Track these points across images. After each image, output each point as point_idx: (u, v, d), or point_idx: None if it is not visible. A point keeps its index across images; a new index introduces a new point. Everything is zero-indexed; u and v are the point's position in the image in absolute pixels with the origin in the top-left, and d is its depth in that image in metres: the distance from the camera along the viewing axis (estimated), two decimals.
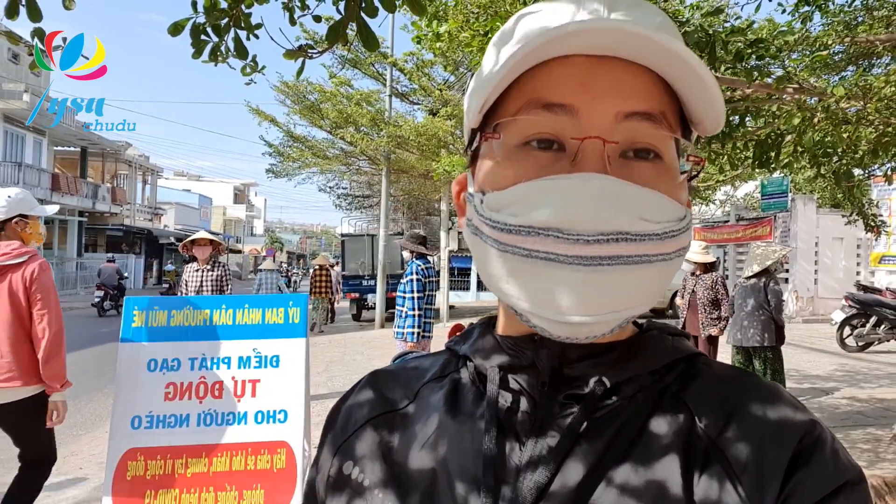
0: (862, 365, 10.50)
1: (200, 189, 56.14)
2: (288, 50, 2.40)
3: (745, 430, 0.57)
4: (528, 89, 0.58)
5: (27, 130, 26.66)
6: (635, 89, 0.56)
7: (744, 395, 0.60)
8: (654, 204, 0.55)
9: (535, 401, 0.62)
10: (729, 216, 20.30)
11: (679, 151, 0.60)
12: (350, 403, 0.74)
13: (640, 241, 0.53)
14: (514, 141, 0.58)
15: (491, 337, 0.69)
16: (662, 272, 0.56)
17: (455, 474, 0.60)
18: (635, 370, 0.62)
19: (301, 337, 3.91)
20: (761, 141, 4.21)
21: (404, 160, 17.33)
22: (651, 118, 0.56)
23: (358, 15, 2.18)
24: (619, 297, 0.54)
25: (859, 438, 6.08)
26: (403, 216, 28.50)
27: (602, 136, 0.55)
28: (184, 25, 2.47)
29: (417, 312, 6.21)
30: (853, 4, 4.24)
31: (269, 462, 3.64)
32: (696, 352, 0.66)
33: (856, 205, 7.08)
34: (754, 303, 6.61)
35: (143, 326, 3.75)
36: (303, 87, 16.67)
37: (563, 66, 0.56)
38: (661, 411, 0.60)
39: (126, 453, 3.58)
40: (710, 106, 0.58)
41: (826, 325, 14.26)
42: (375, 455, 0.66)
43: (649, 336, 0.66)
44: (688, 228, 0.59)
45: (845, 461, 0.56)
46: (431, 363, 0.75)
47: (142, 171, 39.04)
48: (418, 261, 6.39)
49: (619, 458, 0.57)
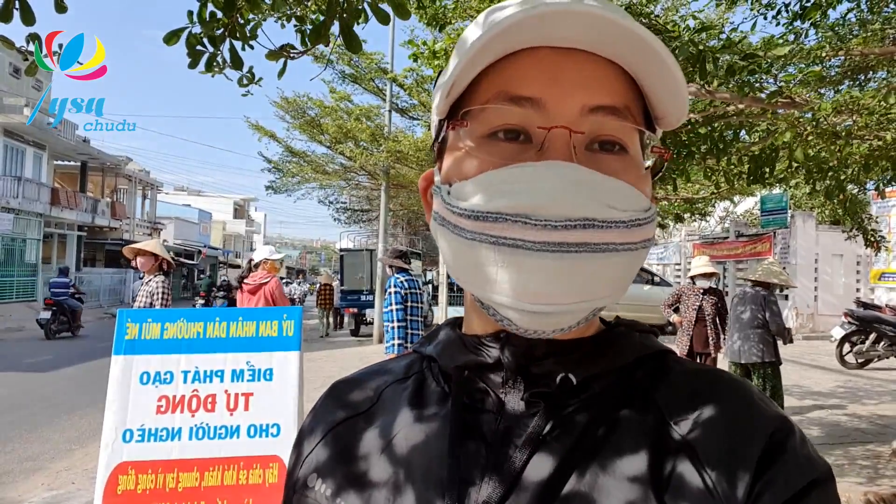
0: (862, 382, 10.46)
1: (200, 204, 56.15)
2: (270, 51, 2.41)
3: (714, 426, 0.57)
4: (496, 81, 0.58)
5: (27, 144, 26.73)
6: (601, 83, 0.57)
7: (713, 391, 0.60)
8: (620, 192, 0.55)
9: (500, 400, 0.61)
10: (728, 232, 20.32)
11: (643, 145, 0.61)
12: (312, 417, 0.74)
13: (606, 229, 0.53)
14: (481, 131, 0.58)
15: (456, 336, 0.68)
16: (628, 262, 0.57)
17: (419, 476, 0.60)
18: (602, 366, 0.61)
19: (295, 350, 3.89)
20: (755, 156, 4.22)
21: (403, 175, 17.37)
22: (616, 112, 0.57)
23: (340, 16, 2.19)
24: (586, 286, 0.54)
25: (859, 455, 6.03)
26: (402, 231, 28.53)
27: (569, 126, 0.55)
28: (179, 35, 2.48)
29: (398, 324, 6.31)
30: (847, 17, 4.27)
31: (260, 476, 3.61)
32: (664, 348, 0.66)
33: (855, 220, 7.07)
34: (751, 315, 6.55)
35: (136, 339, 3.73)
36: (303, 102, 16.75)
37: (530, 58, 0.57)
38: (630, 407, 0.59)
39: (117, 467, 3.54)
40: (674, 94, 0.58)
41: (826, 342, 14.23)
42: (338, 462, 0.66)
43: (617, 332, 0.65)
44: (652, 220, 0.59)
45: (815, 457, 0.56)
46: (395, 366, 0.74)
47: (142, 185, 39.09)
48: (398, 274, 6.51)
49: (587, 455, 0.56)
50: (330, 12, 2.22)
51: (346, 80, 17.09)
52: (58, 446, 6.74)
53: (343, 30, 2.25)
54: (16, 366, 11.89)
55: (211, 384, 3.73)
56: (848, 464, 5.73)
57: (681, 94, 0.58)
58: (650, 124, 0.62)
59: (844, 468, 5.57)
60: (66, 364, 12.10)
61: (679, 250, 23.67)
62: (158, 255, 6.01)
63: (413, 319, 6.41)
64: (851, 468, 5.62)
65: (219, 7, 2.53)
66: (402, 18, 2.51)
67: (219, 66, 2.76)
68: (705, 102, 3.99)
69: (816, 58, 3.67)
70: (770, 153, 4.16)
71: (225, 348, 3.81)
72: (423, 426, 0.63)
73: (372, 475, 0.62)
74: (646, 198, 0.58)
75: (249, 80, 2.91)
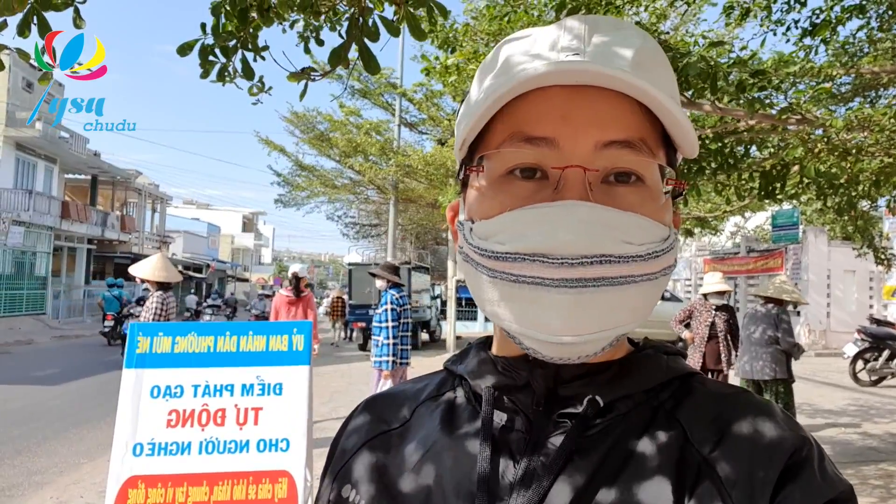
0: (875, 399, 10.36)
1: (209, 217, 56.44)
2: (291, 73, 2.44)
3: (736, 447, 0.57)
4: (509, 122, 0.60)
5: (39, 158, 26.98)
6: (614, 118, 0.58)
7: (736, 413, 0.61)
8: (636, 227, 0.57)
9: (529, 420, 0.63)
10: (739, 248, 20.23)
11: (663, 174, 0.62)
12: (348, 430, 0.77)
13: (623, 263, 0.55)
14: (499, 171, 0.61)
15: (486, 357, 0.70)
16: (648, 291, 0.58)
17: (450, 492, 0.61)
18: (629, 389, 0.63)
19: (305, 364, 3.87)
20: (766, 172, 4.21)
21: (412, 189, 17.44)
22: (630, 146, 0.58)
23: (360, 38, 2.21)
24: (606, 316, 0.56)
25: (871, 474, 5.96)
26: (411, 245, 28.56)
27: (583, 165, 0.57)
28: (192, 46, 2.52)
29: (392, 341, 6.35)
30: (857, 35, 4.27)
31: (270, 491, 3.59)
32: (691, 370, 0.67)
33: (866, 237, 7.04)
34: (762, 333, 6.49)
35: (147, 353, 3.74)
36: (312, 116, 16.87)
37: (542, 98, 0.58)
38: (655, 429, 0.60)
39: (127, 481, 3.53)
40: (684, 139, 0.61)
41: (838, 359, 14.10)
42: (372, 476, 0.68)
43: (644, 355, 0.67)
44: (672, 248, 0.60)
45: (835, 477, 0.57)
46: (427, 383, 0.77)
47: (151, 199, 39.34)
48: (392, 290, 6.52)
49: (612, 475, 0.57)
50: (350, 34, 2.25)
51: (356, 96, 17.21)
52: (66, 459, 6.75)
53: (362, 52, 2.28)
54: (24, 378, 11.93)
55: (221, 398, 3.71)
56: (860, 483, 5.67)
57: (689, 138, 0.60)
58: (671, 148, 0.64)
59: (856, 487, 5.49)
60: (74, 377, 12.13)
61: (689, 266, 23.58)
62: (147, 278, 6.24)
63: (403, 335, 6.47)
64: (864, 487, 5.55)
65: (232, 20, 2.57)
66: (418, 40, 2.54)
67: (230, 75, 2.81)
68: (716, 118, 4.00)
69: (827, 76, 3.67)
70: (781, 169, 4.16)
71: (235, 362, 3.79)
72: (455, 443, 0.66)
73: (405, 489, 0.64)
74: (664, 227, 0.60)
75: (259, 88, 2.96)
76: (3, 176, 24.52)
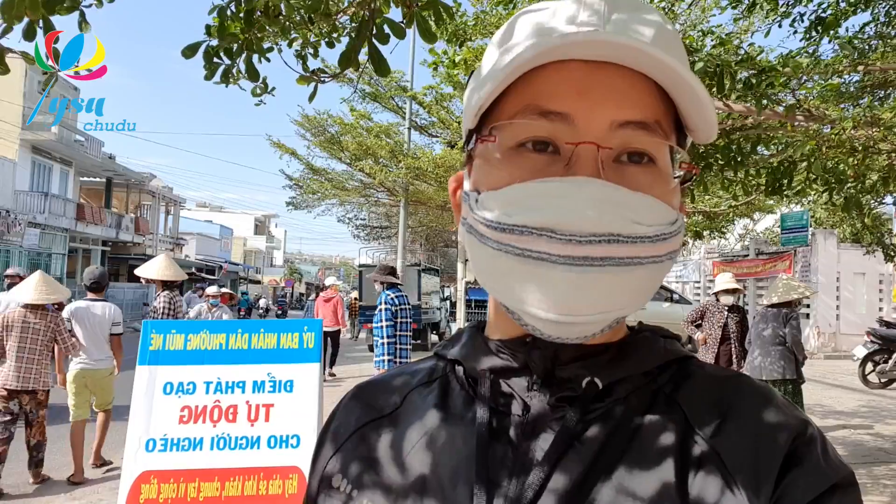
0: (885, 401, 10.29)
1: (222, 220, 56.74)
2: (301, 75, 2.48)
3: (739, 431, 0.57)
4: (524, 93, 0.58)
5: (54, 161, 27.25)
6: (631, 98, 0.57)
7: (737, 396, 0.60)
8: (646, 208, 0.55)
9: (525, 403, 0.62)
10: (748, 250, 20.12)
11: (673, 158, 0.61)
12: (336, 417, 0.74)
13: (631, 244, 0.54)
14: (510, 142, 0.59)
15: (481, 341, 0.68)
16: (653, 274, 0.57)
17: (446, 478, 0.60)
18: (627, 371, 0.62)
19: (315, 362, 3.93)
20: (774, 168, 4.22)
21: (422, 192, 17.44)
22: (646, 127, 0.57)
23: (369, 40, 2.24)
24: (610, 297, 0.55)
25: (882, 475, 5.94)
26: (421, 247, 28.59)
27: (596, 142, 0.55)
28: (197, 48, 2.56)
29: (388, 340, 6.41)
30: (864, 30, 4.26)
31: (280, 487, 3.63)
32: (688, 354, 0.66)
33: (875, 235, 7.00)
34: (772, 332, 6.46)
35: (160, 350, 3.79)
36: (323, 119, 16.93)
37: (559, 72, 0.57)
38: (655, 412, 0.60)
39: (140, 476, 3.59)
40: (702, 117, 0.59)
41: (848, 361, 13.99)
42: (364, 463, 0.66)
43: (642, 337, 0.66)
44: (679, 232, 0.59)
45: (837, 463, 0.57)
46: (418, 369, 0.75)
47: (165, 201, 39.60)
48: (388, 291, 6.62)
49: (614, 459, 0.57)
50: (360, 36, 2.28)
51: (367, 99, 17.26)
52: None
53: (372, 54, 2.30)
54: None
55: (232, 395, 3.77)
56: (871, 483, 5.65)
57: (709, 118, 0.59)
58: (682, 133, 0.62)
59: (868, 487, 5.49)
60: None
61: (699, 268, 23.46)
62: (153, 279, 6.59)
63: (402, 335, 6.51)
64: (874, 487, 5.53)
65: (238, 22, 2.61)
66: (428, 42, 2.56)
67: (234, 77, 2.85)
68: (723, 115, 4.01)
69: (834, 72, 3.67)
70: (788, 165, 4.16)
71: (246, 359, 3.85)
72: (449, 429, 0.64)
73: (398, 477, 0.63)
74: (673, 210, 0.59)
75: (263, 89, 3.00)
76: (20, 179, 24.81)
